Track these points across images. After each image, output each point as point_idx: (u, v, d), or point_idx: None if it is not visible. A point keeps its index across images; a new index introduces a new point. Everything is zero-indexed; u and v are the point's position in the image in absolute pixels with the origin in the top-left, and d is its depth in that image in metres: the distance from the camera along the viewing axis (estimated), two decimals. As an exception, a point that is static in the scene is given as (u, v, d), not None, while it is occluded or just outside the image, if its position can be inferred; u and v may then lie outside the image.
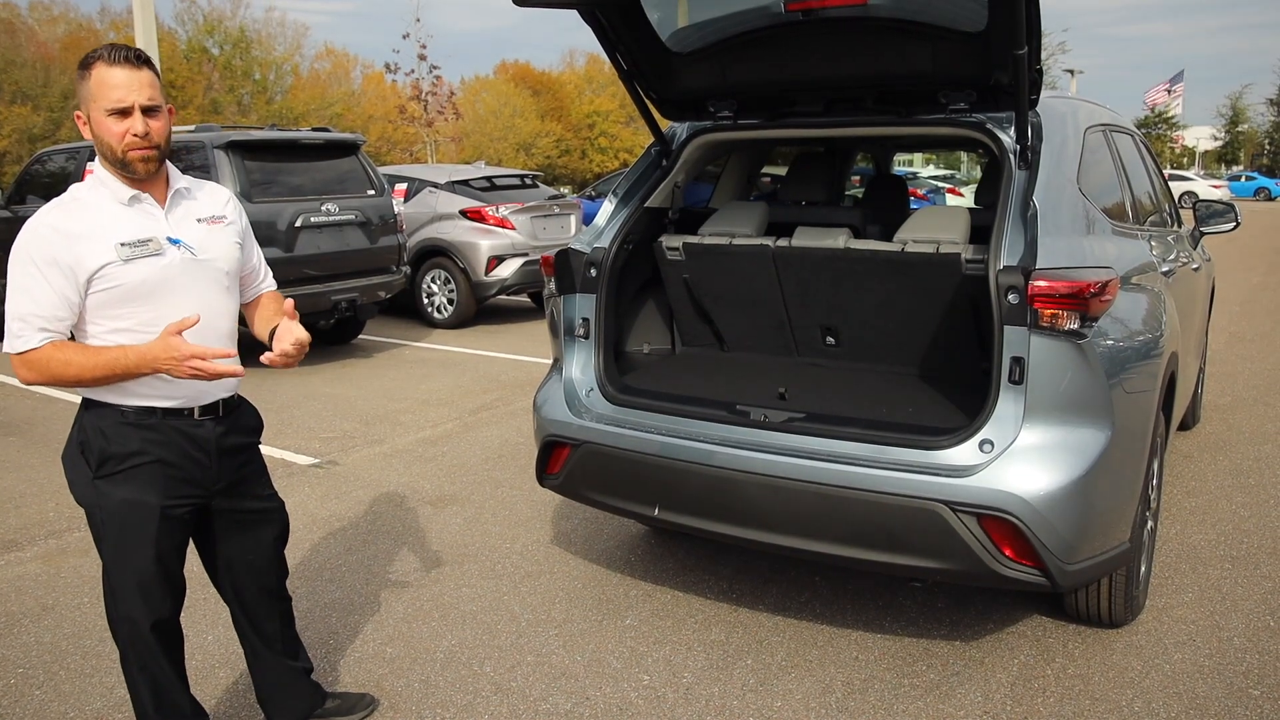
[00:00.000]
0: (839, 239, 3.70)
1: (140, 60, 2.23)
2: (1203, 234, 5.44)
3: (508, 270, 10.02)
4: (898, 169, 9.70)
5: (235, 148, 7.67)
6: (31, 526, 4.63)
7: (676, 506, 3.33)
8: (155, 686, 2.45)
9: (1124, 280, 3.18)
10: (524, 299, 11.71)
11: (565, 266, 3.70)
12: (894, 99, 3.51)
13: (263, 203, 7.66)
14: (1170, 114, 53.48)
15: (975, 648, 3.36)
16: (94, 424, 2.33)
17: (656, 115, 3.97)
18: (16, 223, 8.94)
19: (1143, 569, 3.51)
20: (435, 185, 10.57)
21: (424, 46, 25.78)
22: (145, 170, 2.28)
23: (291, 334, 2.38)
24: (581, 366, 3.67)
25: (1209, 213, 5.47)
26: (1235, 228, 5.44)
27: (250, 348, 2.46)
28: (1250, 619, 3.52)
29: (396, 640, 3.48)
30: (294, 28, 57.04)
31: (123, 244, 2.24)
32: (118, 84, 2.20)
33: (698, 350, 4.38)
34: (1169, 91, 51.97)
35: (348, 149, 8.73)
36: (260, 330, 2.60)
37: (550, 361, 3.94)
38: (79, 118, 2.27)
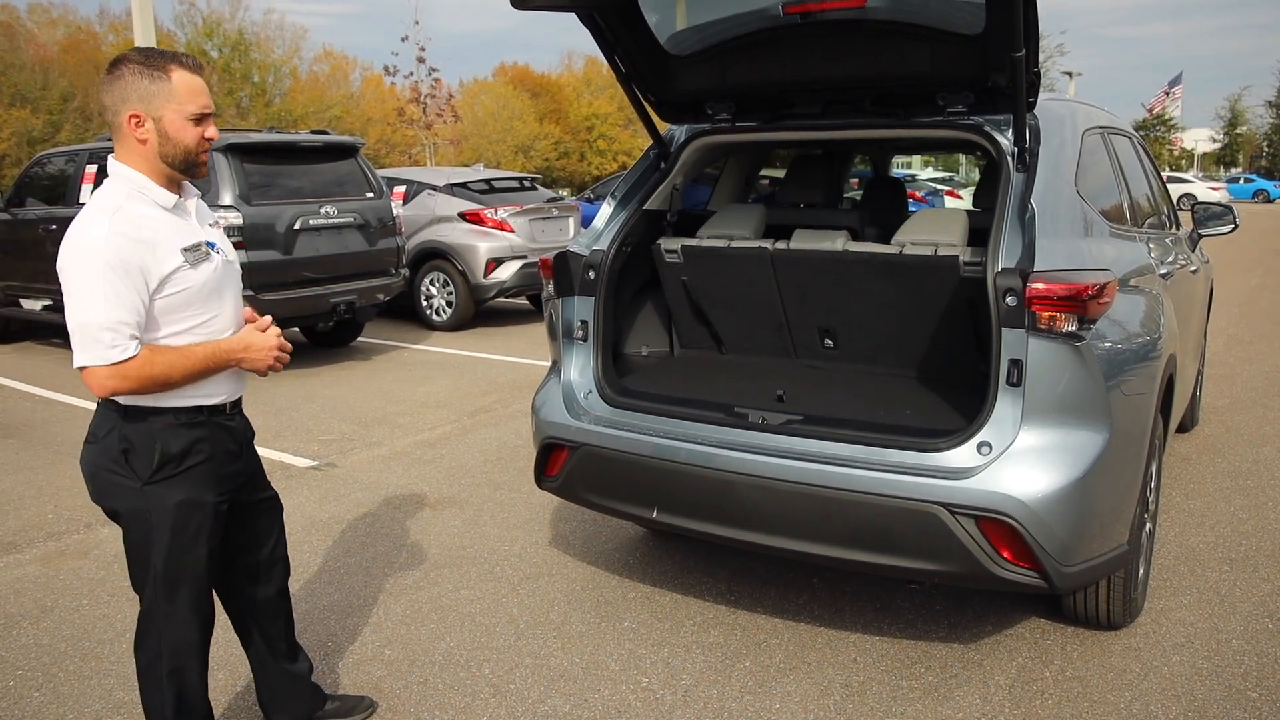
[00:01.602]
0: (837, 241, 3.70)
1: (203, 68, 2.36)
2: (1201, 236, 5.44)
3: (506, 273, 10.02)
4: (896, 171, 9.70)
5: (234, 150, 7.67)
6: (30, 529, 4.63)
7: (675, 509, 3.33)
8: (182, 690, 2.45)
9: (1122, 282, 3.18)
10: (522, 301, 11.71)
11: (564, 269, 3.71)
12: (892, 101, 3.51)
13: (262, 205, 7.66)
14: (1169, 116, 53.50)
15: (973, 650, 3.37)
16: (143, 430, 2.32)
17: (655, 117, 3.97)
18: (16, 225, 8.99)
19: (1141, 571, 3.51)
20: (434, 188, 10.57)
21: (423, 49, 25.83)
22: (203, 173, 2.39)
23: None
24: (580, 369, 3.67)
25: (1207, 215, 5.47)
26: (1233, 230, 5.44)
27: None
28: (1249, 621, 3.53)
29: (395, 642, 3.48)
30: (293, 30, 56.93)
31: (184, 249, 2.29)
32: (202, 90, 2.31)
33: (696, 352, 4.38)
34: (1167, 94, 52.03)
35: (347, 151, 8.73)
36: None
37: (549, 364, 3.94)
38: (136, 116, 2.24)
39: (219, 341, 2.34)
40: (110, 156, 2.33)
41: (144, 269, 2.20)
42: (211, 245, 2.39)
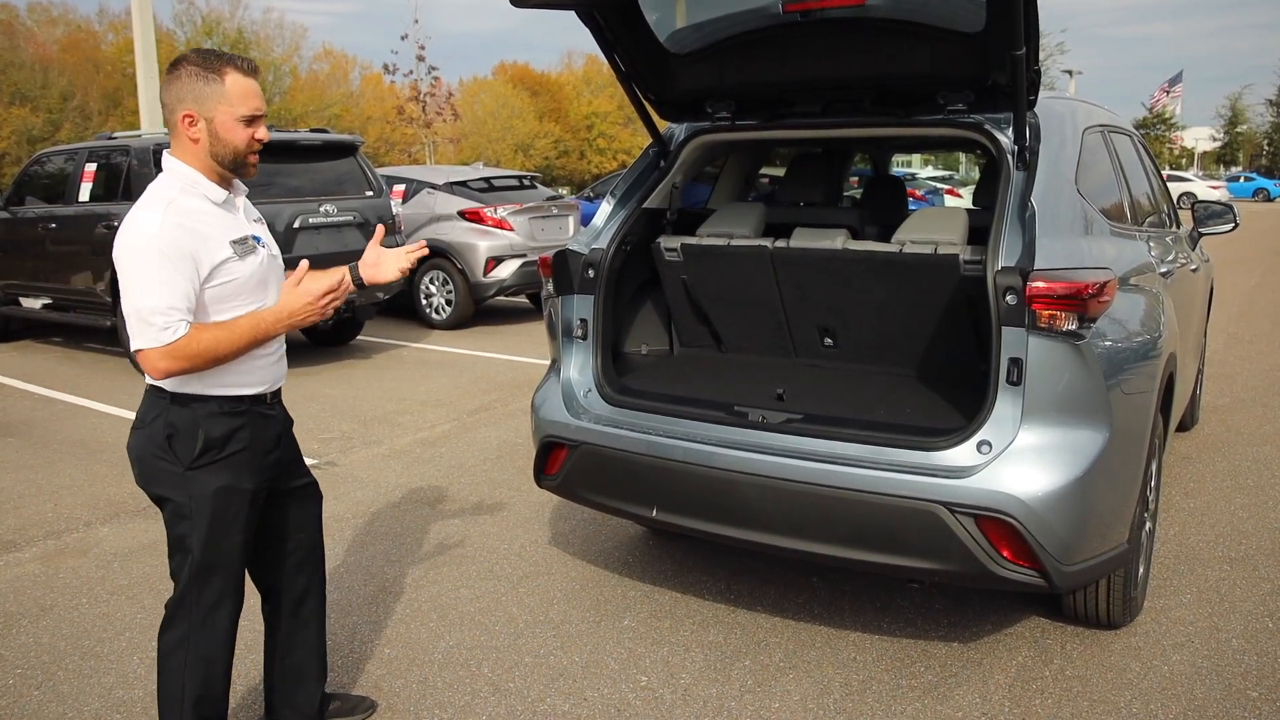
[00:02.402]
0: (837, 240, 3.70)
1: (258, 71, 2.45)
2: (1201, 235, 5.44)
3: (506, 271, 10.01)
4: (896, 170, 9.70)
5: (233, 149, 7.65)
6: (30, 527, 4.63)
7: (674, 508, 3.33)
8: (206, 679, 2.48)
9: (1122, 281, 3.18)
10: (522, 300, 11.71)
11: (563, 267, 3.70)
12: (892, 99, 3.51)
13: (261, 204, 7.54)
14: (1169, 115, 53.50)
15: (973, 649, 3.36)
16: (188, 416, 2.39)
17: (654, 116, 3.97)
18: (15, 224, 8.98)
19: (1141, 570, 3.51)
20: (433, 186, 10.56)
21: (422, 47, 25.79)
22: (253, 173, 2.48)
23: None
24: (579, 367, 3.67)
25: (1207, 214, 5.47)
26: (1234, 229, 5.44)
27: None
28: (1249, 620, 3.52)
29: (395, 641, 3.48)
30: (292, 29, 56.93)
31: (233, 242, 2.39)
32: (254, 93, 2.40)
33: (696, 351, 4.37)
34: (1167, 93, 52.04)
35: (346, 150, 8.72)
36: None
37: (548, 362, 3.94)
38: (189, 116, 2.34)
39: (260, 312, 2.40)
40: (165, 151, 2.42)
41: (196, 257, 2.29)
42: (257, 240, 2.49)
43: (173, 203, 2.32)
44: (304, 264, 2.49)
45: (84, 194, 8.39)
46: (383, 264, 2.64)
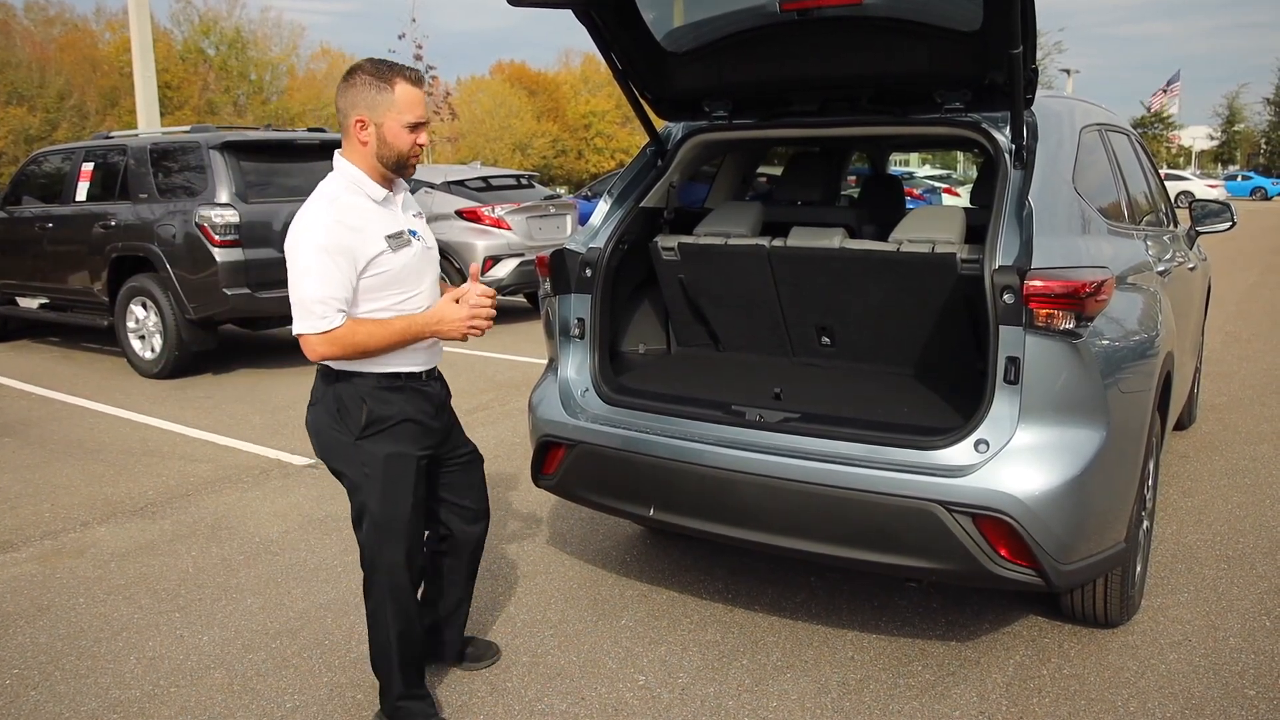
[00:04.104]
0: (834, 239, 3.70)
1: (423, 82, 2.68)
2: (1199, 233, 5.45)
3: (503, 270, 10.01)
4: (893, 169, 9.70)
5: (231, 148, 7.65)
6: (27, 527, 4.62)
7: (672, 507, 3.32)
8: (406, 623, 2.79)
9: (1120, 280, 3.18)
10: (520, 299, 11.70)
11: (561, 267, 3.70)
12: (889, 98, 3.51)
13: (258, 203, 7.63)
14: (1167, 114, 53.55)
15: (971, 648, 3.37)
16: (352, 392, 2.65)
17: (652, 115, 3.96)
18: (13, 224, 8.97)
19: (1138, 569, 3.51)
20: (431, 185, 10.56)
21: (420, 47, 25.73)
22: (412, 174, 2.72)
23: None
24: (577, 367, 3.67)
25: (1205, 212, 5.48)
26: (1231, 227, 5.45)
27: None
28: (1246, 619, 3.53)
29: (392, 641, 3.47)
30: (290, 28, 57.06)
31: (388, 236, 2.61)
32: (420, 101, 2.63)
33: (693, 350, 4.37)
34: (1165, 91, 52.10)
35: (344, 149, 8.70)
36: None
37: (546, 362, 3.94)
38: (361, 121, 2.58)
39: (414, 316, 2.65)
40: (337, 152, 2.68)
41: (353, 253, 2.53)
42: (413, 233, 2.71)
43: (336, 199, 2.56)
44: (464, 288, 2.68)
45: (81, 194, 8.38)
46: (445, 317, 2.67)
